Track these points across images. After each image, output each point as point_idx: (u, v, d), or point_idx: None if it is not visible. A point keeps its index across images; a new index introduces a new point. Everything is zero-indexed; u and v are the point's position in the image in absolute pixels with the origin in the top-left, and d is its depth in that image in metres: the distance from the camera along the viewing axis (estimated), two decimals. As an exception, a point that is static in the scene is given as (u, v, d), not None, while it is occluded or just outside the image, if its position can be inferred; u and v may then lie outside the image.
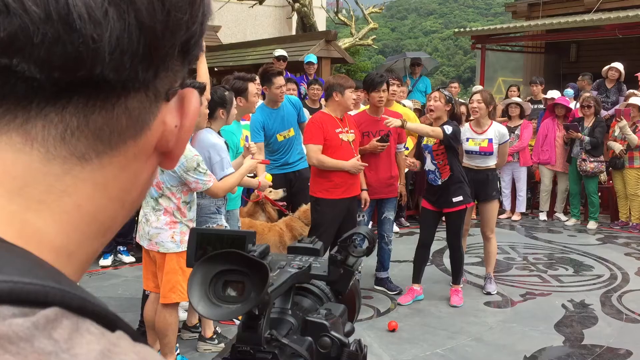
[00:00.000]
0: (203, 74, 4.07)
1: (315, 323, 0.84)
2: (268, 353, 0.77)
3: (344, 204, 4.88)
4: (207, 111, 3.76)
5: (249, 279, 0.71)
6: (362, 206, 5.16)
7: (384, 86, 5.16)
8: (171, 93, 0.46)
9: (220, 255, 0.72)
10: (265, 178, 4.51)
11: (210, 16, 0.46)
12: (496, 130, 5.37)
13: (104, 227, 0.44)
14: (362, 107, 6.28)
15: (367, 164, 4.99)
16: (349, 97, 4.82)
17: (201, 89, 3.61)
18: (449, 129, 4.85)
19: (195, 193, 3.68)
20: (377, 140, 5.09)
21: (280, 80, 5.47)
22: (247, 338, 0.77)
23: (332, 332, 0.83)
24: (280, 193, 5.36)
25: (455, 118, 5.05)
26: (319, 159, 4.80)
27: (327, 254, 0.94)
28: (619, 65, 9.54)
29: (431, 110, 5.02)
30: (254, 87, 4.63)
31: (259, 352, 0.77)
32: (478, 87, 9.05)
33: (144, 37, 0.39)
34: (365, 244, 0.94)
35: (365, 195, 5.15)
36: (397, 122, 4.95)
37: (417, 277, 5.31)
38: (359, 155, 4.95)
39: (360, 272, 5.52)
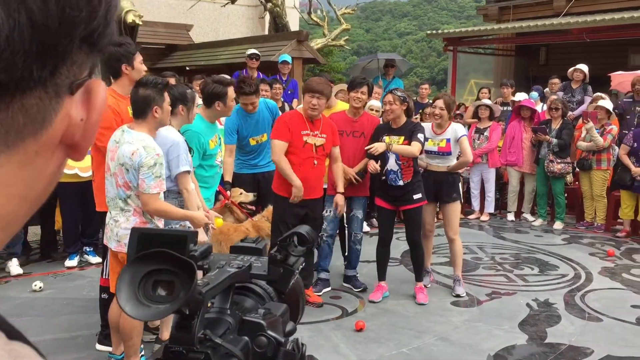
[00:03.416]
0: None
1: (252, 322, 0.84)
2: (201, 353, 0.76)
3: (303, 205, 4.89)
4: (170, 108, 3.72)
5: (179, 278, 0.71)
6: (337, 210, 5.19)
7: (364, 88, 5.40)
8: (76, 86, 0.45)
9: (149, 255, 0.71)
10: (216, 222, 4.33)
11: (116, 5, 0.45)
12: (452, 130, 5.47)
13: (3, 222, 0.44)
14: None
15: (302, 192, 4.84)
16: (306, 101, 4.85)
17: (164, 85, 3.58)
18: (421, 137, 5.06)
19: (162, 192, 3.61)
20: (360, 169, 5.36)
21: (251, 99, 5.46)
22: (180, 338, 0.76)
23: (269, 332, 0.83)
24: (250, 197, 5.37)
25: (409, 113, 5.24)
26: (280, 159, 4.82)
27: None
28: (583, 67, 9.78)
29: (388, 113, 5.18)
30: (232, 92, 4.62)
31: (191, 352, 0.76)
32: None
33: (37, 35, 0.39)
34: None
35: (338, 199, 5.12)
36: (382, 148, 5.01)
37: (382, 275, 5.41)
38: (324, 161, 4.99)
39: (329, 272, 5.53)
